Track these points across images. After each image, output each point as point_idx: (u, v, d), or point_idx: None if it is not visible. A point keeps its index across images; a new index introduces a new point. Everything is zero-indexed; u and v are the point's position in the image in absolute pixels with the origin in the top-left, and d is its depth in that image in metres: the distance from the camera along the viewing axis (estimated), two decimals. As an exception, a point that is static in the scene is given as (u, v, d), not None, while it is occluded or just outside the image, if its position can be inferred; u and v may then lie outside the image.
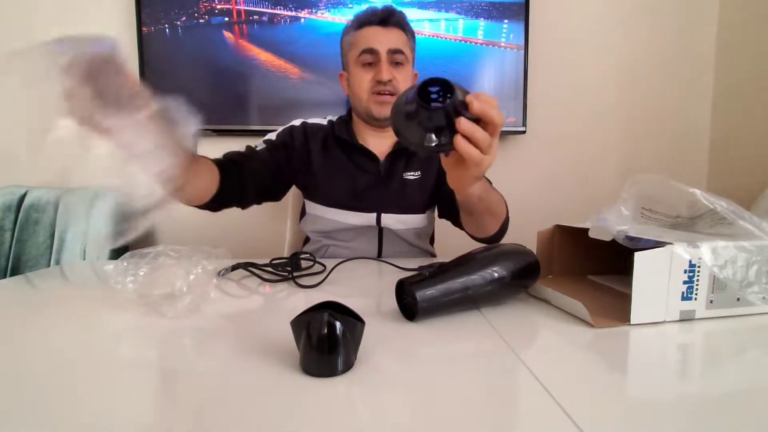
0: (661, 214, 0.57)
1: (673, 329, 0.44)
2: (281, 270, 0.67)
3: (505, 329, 0.44)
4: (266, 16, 1.47)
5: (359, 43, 0.87)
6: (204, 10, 1.45)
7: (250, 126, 1.51)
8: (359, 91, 0.89)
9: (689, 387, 0.34)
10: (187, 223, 1.60)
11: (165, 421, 0.29)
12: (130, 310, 0.49)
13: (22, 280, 0.70)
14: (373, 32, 0.87)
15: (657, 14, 1.66)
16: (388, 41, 0.86)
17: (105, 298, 0.55)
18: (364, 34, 0.87)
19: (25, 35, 1.48)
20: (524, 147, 1.68)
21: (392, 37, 0.87)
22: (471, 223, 0.80)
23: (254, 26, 1.47)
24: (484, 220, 0.77)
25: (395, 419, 0.28)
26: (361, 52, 0.86)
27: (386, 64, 0.86)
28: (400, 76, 0.87)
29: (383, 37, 0.86)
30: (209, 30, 1.46)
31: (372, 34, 0.86)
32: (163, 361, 0.38)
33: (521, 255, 0.51)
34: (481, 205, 0.70)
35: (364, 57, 0.87)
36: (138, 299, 0.49)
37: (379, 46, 0.85)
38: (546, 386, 0.32)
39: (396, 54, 0.87)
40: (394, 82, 0.86)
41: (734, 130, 1.63)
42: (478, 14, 1.53)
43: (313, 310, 0.35)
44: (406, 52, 0.88)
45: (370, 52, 0.86)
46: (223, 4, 1.46)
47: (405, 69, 0.89)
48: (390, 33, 0.87)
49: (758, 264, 0.45)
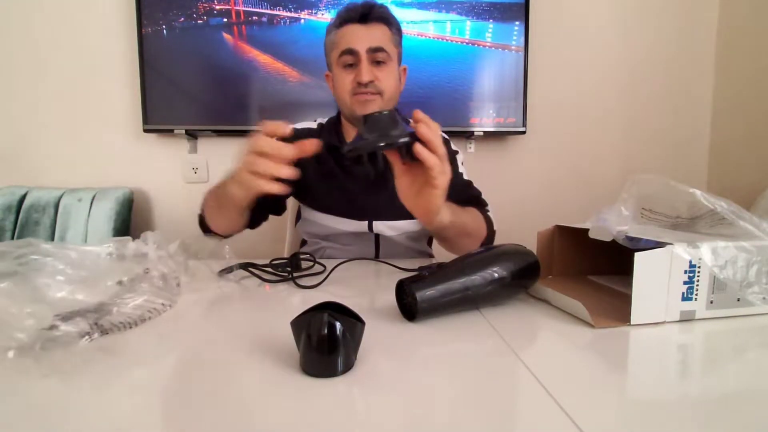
0: (661, 215, 0.56)
1: (673, 329, 0.44)
2: (281, 270, 0.67)
3: (505, 329, 0.44)
4: (266, 17, 1.47)
5: (340, 43, 0.84)
6: (203, 11, 1.45)
7: (250, 126, 1.51)
8: (341, 92, 0.86)
9: (689, 387, 0.34)
10: (186, 222, 1.60)
11: (165, 421, 0.29)
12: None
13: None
14: (353, 31, 0.83)
15: (657, 15, 1.66)
16: (368, 39, 0.82)
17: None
18: (344, 34, 0.83)
19: (25, 34, 1.48)
20: (524, 147, 1.68)
21: (373, 35, 0.83)
22: (448, 248, 0.81)
23: (253, 27, 1.47)
24: (461, 243, 0.77)
25: (395, 419, 0.28)
26: (341, 53, 0.83)
27: (366, 65, 0.82)
28: (382, 74, 0.84)
29: (363, 36, 0.82)
30: (208, 31, 1.47)
31: (351, 33, 0.83)
32: (162, 361, 0.38)
33: (521, 255, 0.51)
34: (453, 230, 0.72)
35: (344, 58, 0.83)
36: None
37: (358, 45, 0.82)
38: (546, 386, 0.31)
39: (377, 53, 0.83)
40: (376, 83, 0.83)
41: (734, 130, 1.63)
42: (479, 15, 1.53)
43: (313, 310, 0.35)
44: (388, 49, 0.84)
45: (349, 53, 0.82)
46: (222, 5, 1.46)
47: (388, 67, 0.85)
48: (371, 30, 0.83)
49: (758, 264, 0.45)
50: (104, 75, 1.51)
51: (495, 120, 1.57)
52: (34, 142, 1.52)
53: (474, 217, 0.78)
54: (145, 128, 1.46)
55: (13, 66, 1.49)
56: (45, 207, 1.41)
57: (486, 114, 1.57)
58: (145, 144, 1.55)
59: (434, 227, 0.67)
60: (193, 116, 1.48)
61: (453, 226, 0.70)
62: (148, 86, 1.45)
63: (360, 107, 0.84)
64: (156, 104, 1.46)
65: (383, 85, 0.84)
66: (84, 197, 1.43)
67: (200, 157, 1.58)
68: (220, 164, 1.59)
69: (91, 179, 1.53)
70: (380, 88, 0.84)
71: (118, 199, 1.44)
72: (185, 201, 1.59)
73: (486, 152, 1.66)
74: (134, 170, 1.56)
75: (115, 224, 1.41)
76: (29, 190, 1.45)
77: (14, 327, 0.36)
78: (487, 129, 1.57)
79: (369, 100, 0.83)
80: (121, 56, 1.51)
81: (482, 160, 1.65)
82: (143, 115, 1.46)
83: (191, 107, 1.48)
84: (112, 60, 1.51)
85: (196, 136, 1.57)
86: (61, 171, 1.53)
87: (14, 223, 1.39)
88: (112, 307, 0.42)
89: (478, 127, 1.56)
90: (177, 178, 1.58)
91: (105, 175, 1.54)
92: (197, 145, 1.58)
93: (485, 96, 1.56)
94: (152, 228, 1.59)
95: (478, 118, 1.56)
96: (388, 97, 0.86)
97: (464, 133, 1.57)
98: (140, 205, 1.57)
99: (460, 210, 0.73)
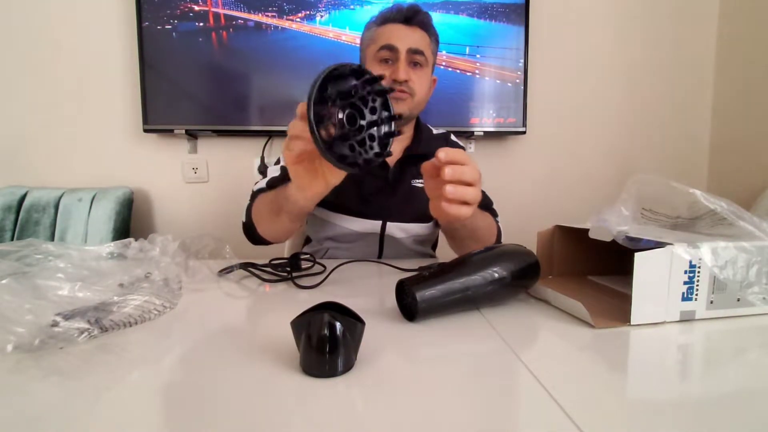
0: (662, 215, 0.56)
1: (673, 330, 0.44)
2: (281, 270, 0.67)
3: (505, 330, 0.44)
4: (266, 19, 1.47)
5: (379, 39, 0.84)
6: (203, 12, 1.45)
7: (251, 126, 1.51)
8: None
9: (689, 387, 0.34)
10: (186, 222, 1.61)
11: (164, 421, 0.29)
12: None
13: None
14: (395, 29, 0.84)
15: (657, 15, 1.66)
16: (409, 40, 0.83)
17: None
18: (386, 31, 0.84)
19: (26, 34, 1.48)
20: (524, 147, 1.68)
21: (414, 37, 0.84)
22: (454, 247, 0.81)
23: (253, 28, 1.47)
24: (465, 245, 0.77)
25: (395, 420, 0.28)
26: (380, 48, 0.84)
27: (404, 64, 0.83)
28: (417, 77, 0.85)
29: (405, 35, 0.83)
30: (208, 31, 1.46)
31: (393, 31, 0.84)
32: (162, 360, 0.38)
33: (521, 255, 0.51)
34: (464, 231, 0.72)
35: (382, 53, 0.84)
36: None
37: (399, 43, 0.83)
38: (546, 387, 0.31)
39: (416, 54, 0.84)
40: (410, 84, 0.83)
41: (734, 130, 1.63)
42: (480, 15, 1.53)
43: (314, 310, 0.35)
44: (426, 54, 0.85)
45: (389, 49, 0.83)
46: (227, 10, 1.46)
47: (423, 71, 0.86)
48: (412, 32, 0.84)
49: (758, 264, 0.46)
50: (104, 75, 1.51)
51: (495, 120, 1.57)
52: (35, 142, 1.52)
53: (488, 224, 0.79)
54: (145, 128, 1.46)
55: (14, 66, 1.49)
56: (45, 207, 1.41)
57: (486, 114, 1.57)
58: (146, 144, 1.55)
59: (447, 224, 0.68)
60: (193, 116, 1.48)
61: (464, 228, 0.70)
62: (148, 86, 1.45)
63: (392, 105, 0.85)
64: (156, 104, 1.46)
65: (416, 87, 0.85)
66: (84, 197, 1.43)
67: (200, 157, 1.58)
68: (220, 164, 1.59)
69: (92, 179, 1.53)
70: (413, 89, 0.84)
71: (118, 199, 1.44)
72: (185, 201, 1.59)
73: (486, 152, 1.67)
74: (134, 170, 1.56)
75: (115, 224, 1.41)
76: (29, 190, 1.45)
77: (14, 322, 0.36)
78: (487, 129, 1.57)
79: (401, 98, 0.84)
80: (121, 56, 1.51)
81: (482, 160, 1.65)
82: (143, 115, 1.46)
83: (191, 107, 1.48)
84: (112, 60, 1.51)
85: (196, 136, 1.57)
86: (61, 171, 1.53)
87: (14, 223, 1.39)
88: (112, 306, 0.42)
89: (479, 127, 1.56)
90: (177, 178, 1.58)
91: (105, 175, 1.54)
92: (197, 145, 1.58)
93: (485, 96, 1.56)
94: (152, 228, 1.59)
95: (478, 118, 1.56)
96: (418, 100, 0.86)
97: (464, 133, 1.57)
98: (140, 205, 1.57)
99: (480, 213, 0.74)
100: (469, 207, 0.53)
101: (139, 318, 0.44)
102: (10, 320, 0.36)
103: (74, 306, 0.40)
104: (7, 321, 0.36)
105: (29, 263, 0.42)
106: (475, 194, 0.52)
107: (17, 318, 0.36)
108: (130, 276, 0.47)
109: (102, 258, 0.48)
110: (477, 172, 0.52)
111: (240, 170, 1.59)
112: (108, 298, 0.42)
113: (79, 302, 0.40)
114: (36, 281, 0.40)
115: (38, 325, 0.36)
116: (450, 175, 0.50)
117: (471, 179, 0.51)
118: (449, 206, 0.51)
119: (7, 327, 0.36)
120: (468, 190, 0.51)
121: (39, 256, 0.43)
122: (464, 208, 0.52)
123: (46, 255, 0.43)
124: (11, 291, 0.37)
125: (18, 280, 0.39)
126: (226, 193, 1.60)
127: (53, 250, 0.44)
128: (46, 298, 0.39)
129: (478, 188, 0.53)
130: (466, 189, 0.51)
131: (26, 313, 0.36)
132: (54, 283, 0.40)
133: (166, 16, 1.44)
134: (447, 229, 0.75)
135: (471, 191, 0.52)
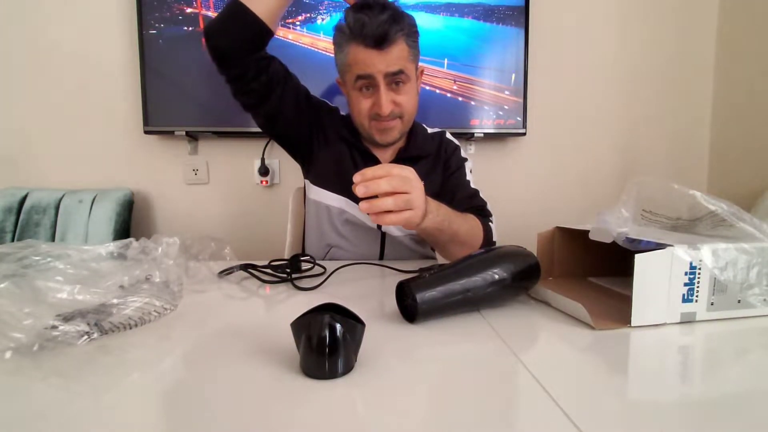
0: (662, 216, 0.56)
1: (673, 331, 0.44)
2: (280, 272, 0.67)
3: (506, 331, 0.43)
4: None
5: (354, 66, 0.78)
6: (203, 13, 1.46)
7: (251, 128, 1.51)
8: (359, 116, 0.83)
9: (690, 389, 0.34)
10: (186, 224, 1.61)
11: (164, 422, 0.29)
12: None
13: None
14: (368, 56, 0.76)
15: (657, 16, 1.66)
16: (384, 65, 0.76)
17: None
18: (358, 58, 0.77)
19: (26, 36, 1.48)
20: (524, 149, 1.68)
21: (389, 59, 0.76)
22: (439, 252, 0.80)
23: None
24: (448, 249, 0.76)
25: (396, 421, 0.28)
26: (357, 77, 0.79)
27: (385, 91, 0.78)
28: (401, 97, 0.81)
29: (378, 62, 0.76)
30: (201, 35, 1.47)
31: (366, 59, 0.76)
32: (162, 362, 0.38)
33: (521, 257, 0.51)
34: (442, 237, 0.71)
35: (360, 83, 0.79)
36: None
37: (374, 70, 0.77)
38: (546, 388, 0.31)
39: (396, 75, 0.78)
40: (396, 109, 0.81)
41: (734, 131, 1.63)
42: (480, 17, 1.53)
43: (314, 312, 0.35)
44: (407, 69, 0.79)
45: (366, 78, 0.78)
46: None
47: (408, 86, 0.81)
48: (387, 54, 0.76)
49: (759, 266, 0.45)
50: (105, 76, 1.51)
51: (495, 122, 1.57)
52: (35, 143, 1.52)
53: (471, 226, 0.76)
54: (145, 130, 1.47)
55: (14, 68, 1.49)
56: (45, 208, 1.42)
57: (486, 115, 1.57)
58: (146, 145, 1.55)
59: (419, 231, 0.68)
60: (193, 118, 1.48)
61: (441, 233, 0.69)
62: (148, 88, 1.45)
63: (380, 135, 0.84)
64: (156, 106, 1.46)
65: (404, 107, 0.82)
66: (84, 198, 1.43)
67: (201, 158, 1.58)
68: (221, 166, 1.59)
69: (92, 180, 1.53)
70: (401, 110, 0.82)
71: (119, 201, 1.44)
72: (186, 202, 1.59)
73: (486, 154, 1.67)
74: (135, 171, 1.56)
75: (116, 225, 1.41)
76: (30, 191, 1.45)
77: (12, 327, 0.36)
78: (487, 130, 1.57)
79: (389, 128, 0.83)
80: (121, 58, 1.51)
81: (483, 161, 1.65)
82: (144, 117, 1.46)
83: (192, 109, 1.48)
84: (113, 61, 1.51)
85: (196, 138, 1.57)
86: (62, 172, 1.53)
87: (15, 225, 1.40)
88: (112, 308, 0.42)
89: (479, 128, 1.56)
90: (177, 179, 1.58)
91: (105, 177, 1.54)
92: (198, 147, 1.58)
93: (485, 97, 1.56)
94: (152, 229, 1.60)
95: (479, 120, 1.56)
96: (408, 119, 0.85)
97: (465, 134, 1.57)
98: (141, 207, 1.57)
99: (455, 216, 0.72)
100: (402, 213, 0.57)
101: (139, 320, 0.44)
102: (8, 325, 0.36)
103: (73, 308, 0.40)
104: (6, 326, 0.36)
105: (28, 265, 0.42)
106: (395, 203, 0.56)
107: (15, 323, 0.36)
108: (131, 277, 0.46)
109: (102, 258, 0.48)
110: (400, 180, 0.56)
111: (240, 172, 1.59)
112: (108, 300, 0.42)
113: (78, 304, 0.40)
114: (35, 283, 0.40)
115: (37, 329, 0.36)
116: (362, 193, 0.55)
117: (389, 189, 0.55)
118: (376, 218, 0.56)
119: (6, 333, 0.35)
120: (386, 200, 0.55)
121: (38, 258, 0.43)
122: (392, 216, 0.56)
123: (45, 256, 0.43)
124: (10, 295, 0.37)
125: (17, 283, 0.39)
126: (227, 194, 1.60)
127: (52, 251, 0.44)
128: (45, 301, 0.39)
129: (408, 195, 0.57)
130: (384, 200, 0.55)
131: (25, 317, 0.36)
132: (53, 285, 0.40)
133: (166, 18, 1.44)
134: (422, 236, 0.74)
135: (389, 201, 0.55)
